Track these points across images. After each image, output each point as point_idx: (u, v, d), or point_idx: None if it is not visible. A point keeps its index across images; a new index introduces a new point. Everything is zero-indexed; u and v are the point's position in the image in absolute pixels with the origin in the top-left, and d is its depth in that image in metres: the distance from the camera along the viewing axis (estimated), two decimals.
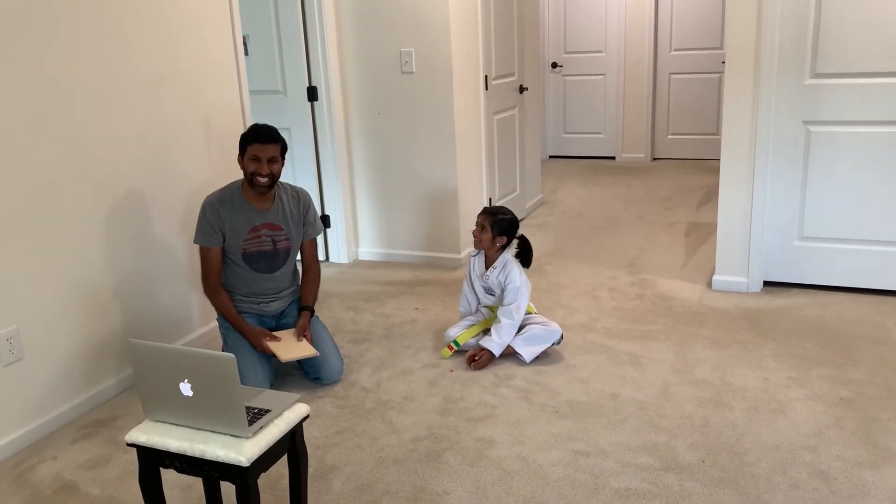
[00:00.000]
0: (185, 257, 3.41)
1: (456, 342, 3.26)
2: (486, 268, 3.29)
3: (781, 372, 3.02)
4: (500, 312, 3.20)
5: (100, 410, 2.96)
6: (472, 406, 2.86)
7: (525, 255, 3.27)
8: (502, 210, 3.27)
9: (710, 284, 4.00)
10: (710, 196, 5.95)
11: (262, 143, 2.88)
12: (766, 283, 3.93)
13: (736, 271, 3.91)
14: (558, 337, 3.20)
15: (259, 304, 3.10)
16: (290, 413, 2.00)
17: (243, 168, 2.93)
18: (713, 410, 2.75)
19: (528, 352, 3.16)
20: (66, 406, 2.87)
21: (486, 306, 3.38)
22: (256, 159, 2.88)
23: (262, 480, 2.32)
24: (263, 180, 2.90)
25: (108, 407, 2.99)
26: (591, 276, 4.23)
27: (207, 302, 3.08)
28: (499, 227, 3.20)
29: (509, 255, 3.27)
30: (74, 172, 2.85)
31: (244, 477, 1.84)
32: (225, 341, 3.06)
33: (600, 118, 7.66)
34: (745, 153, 3.75)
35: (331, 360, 3.05)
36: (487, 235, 3.21)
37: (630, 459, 2.46)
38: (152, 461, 1.96)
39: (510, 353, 3.20)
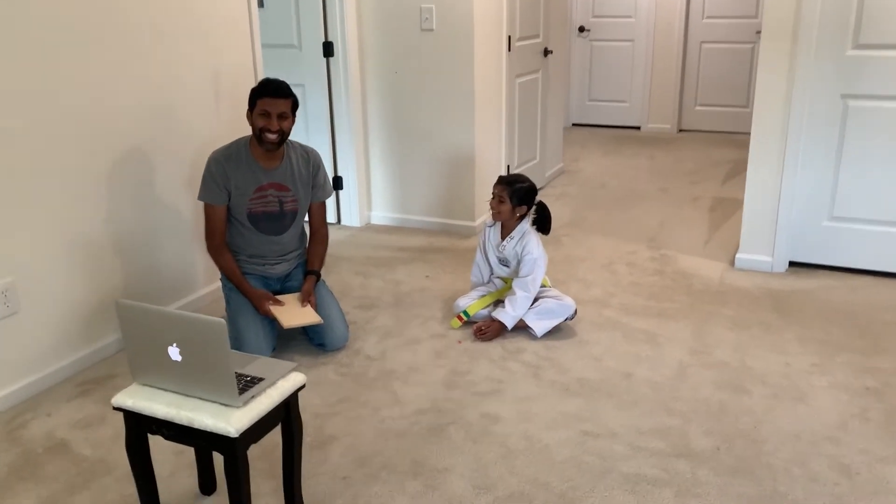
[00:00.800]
0: (189, 215, 3.31)
1: (466, 313, 3.15)
2: (503, 238, 3.16)
3: (804, 357, 2.88)
4: (515, 284, 3.08)
5: (98, 368, 2.90)
6: (479, 380, 2.76)
7: (543, 222, 3.14)
8: (519, 178, 3.13)
9: (732, 263, 3.85)
10: (737, 171, 5.75)
11: (272, 97, 2.75)
12: (792, 264, 3.78)
13: (761, 250, 3.75)
14: (572, 312, 3.08)
15: (264, 265, 3.00)
16: (284, 382, 1.91)
17: (252, 123, 2.81)
18: (731, 395, 2.62)
19: (539, 326, 3.04)
20: (63, 362, 2.81)
21: (499, 277, 3.26)
22: (266, 114, 2.75)
23: (256, 449, 2.25)
24: (272, 137, 2.77)
25: (106, 365, 2.92)
26: (610, 250, 4.09)
27: (211, 261, 2.99)
28: (518, 196, 3.06)
29: (528, 224, 3.13)
30: (76, 123, 2.74)
31: (233, 448, 1.76)
32: (228, 302, 2.98)
33: (626, 86, 7.42)
34: (778, 127, 3.56)
35: (336, 326, 2.95)
36: (506, 206, 3.07)
37: (641, 443, 2.35)
38: (140, 426, 1.87)
39: (521, 327, 3.09)
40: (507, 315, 3.05)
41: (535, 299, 3.10)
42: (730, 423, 2.46)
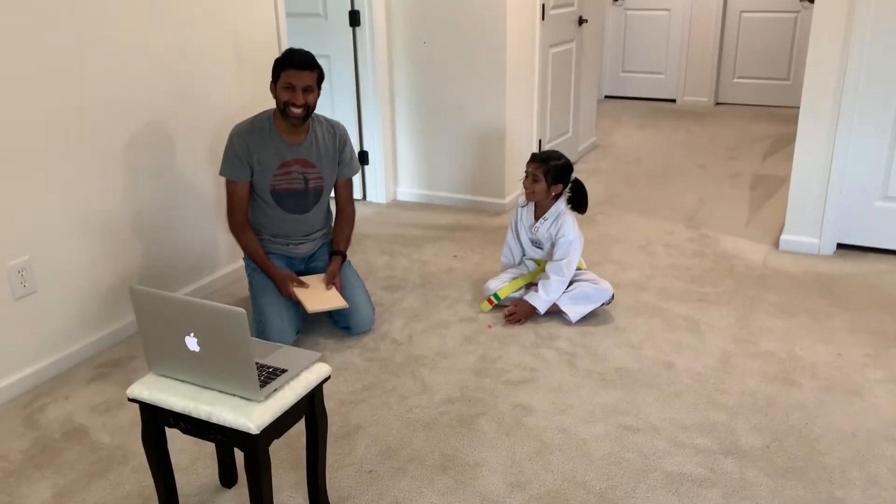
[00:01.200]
0: (211, 191, 3.20)
1: (497, 296, 3.01)
2: (536, 219, 3.00)
3: (857, 348, 2.71)
4: (548, 268, 2.93)
5: (117, 349, 2.81)
6: (510, 367, 2.63)
7: (579, 200, 2.97)
8: (553, 154, 2.96)
9: (776, 244, 3.66)
10: (778, 147, 5.52)
11: (297, 69, 2.61)
12: (840, 246, 3.58)
13: (807, 231, 3.56)
14: (609, 297, 2.93)
15: (288, 245, 2.88)
16: (308, 374, 1.79)
17: (276, 97, 2.67)
18: (779, 388, 2.47)
19: (574, 311, 2.90)
20: (82, 343, 2.73)
21: (531, 259, 3.11)
22: (290, 87, 2.61)
23: (279, 439, 2.15)
24: (297, 111, 2.64)
25: (126, 345, 2.84)
26: (646, 229, 3.92)
27: (234, 240, 2.88)
28: (553, 173, 2.90)
29: (563, 204, 2.97)
30: (94, 98, 2.62)
31: (254, 445, 1.65)
32: (251, 283, 2.87)
33: (662, 57, 7.16)
34: (830, 99, 3.35)
35: (361, 309, 2.84)
36: (541, 185, 2.91)
37: (684, 439, 2.22)
38: (156, 419, 1.78)
39: (554, 311, 2.95)
40: (540, 300, 2.91)
41: (570, 282, 2.96)
42: (779, 418, 2.31)
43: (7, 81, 2.35)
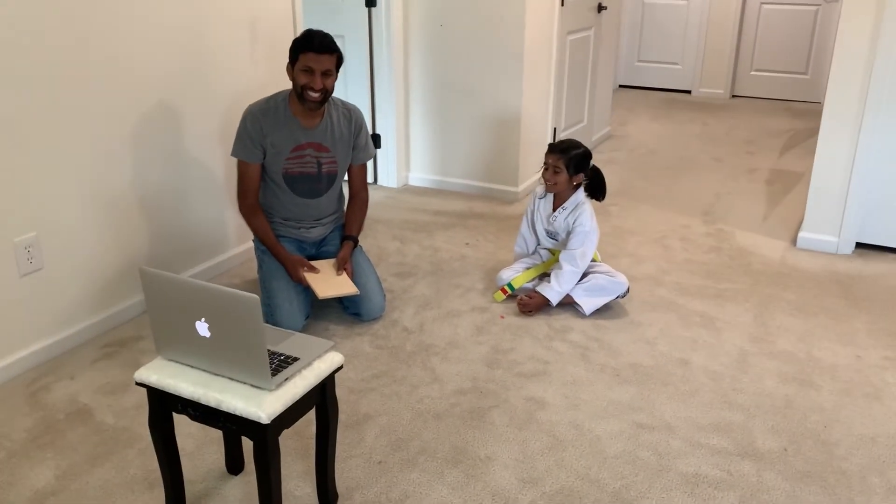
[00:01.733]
0: (221, 171, 3.14)
1: (510, 285, 2.96)
2: (554, 209, 2.94)
3: (876, 350, 2.66)
4: (562, 257, 2.88)
5: (124, 329, 2.77)
6: (522, 359, 2.59)
7: (598, 188, 2.91)
8: (572, 144, 2.89)
9: (794, 241, 3.60)
10: (795, 142, 5.44)
11: (316, 52, 2.54)
12: (859, 245, 3.52)
13: (826, 229, 3.50)
14: (624, 290, 2.88)
15: (299, 229, 2.83)
16: (320, 363, 1.75)
17: (293, 79, 2.61)
18: (797, 389, 2.42)
19: (588, 303, 2.85)
20: (88, 321, 2.69)
21: (545, 248, 3.06)
22: (309, 71, 2.55)
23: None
24: (315, 95, 2.57)
25: (133, 325, 2.79)
26: (662, 222, 3.86)
27: (243, 220, 2.83)
28: (574, 164, 2.83)
29: (582, 195, 2.91)
30: (104, 75, 2.57)
31: (264, 434, 1.61)
32: (260, 266, 2.82)
33: (678, 48, 7.05)
34: (855, 95, 3.27)
35: (372, 295, 2.79)
36: (563, 176, 2.84)
37: (700, 439, 2.17)
38: (164, 405, 1.73)
39: (567, 303, 2.90)
40: (552, 291, 2.86)
41: (585, 274, 2.90)
42: (797, 420, 2.26)
43: (17, 57, 2.30)
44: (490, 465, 2.06)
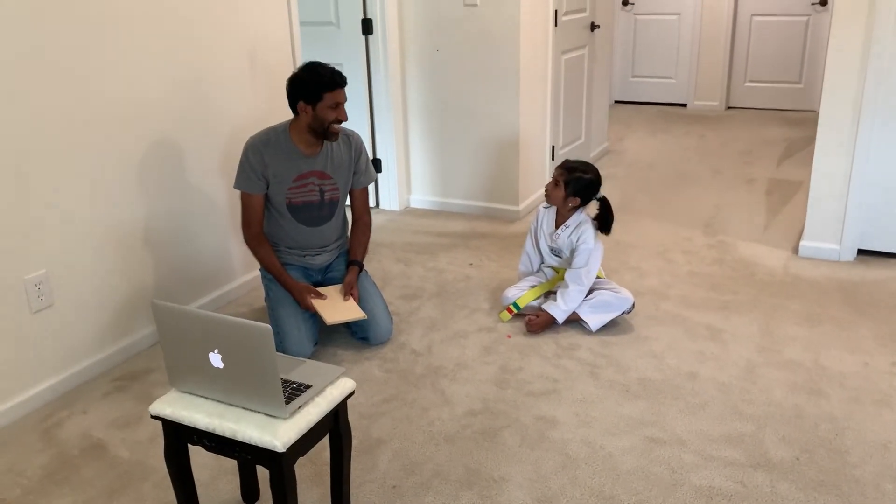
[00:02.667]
0: (225, 202, 3.17)
1: (516, 305, 2.98)
2: (557, 226, 2.97)
3: (884, 356, 2.67)
4: (567, 276, 2.90)
5: (134, 362, 2.79)
6: (531, 378, 2.60)
7: (604, 221, 2.90)
8: (583, 167, 2.90)
9: (796, 250, 3.62)
10: (792, 151, 5.48)
11: (340, 87, 2.63)
12: (861, 252, 3.54)
13: (828, 237, 3.52)
14: (630, 305, 2.89)
15: (304, 256, 2.86)
16: (333, 389, 1.76)
17: (316, 116, 2.61)
18: (806, 398, 2.43)
19: (595, 320, 2.86)
20: (98, 356, 2.70)
21: (549, 266, 3.08)
22: (336, 106, 2.62)
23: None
24: (340, 126, 2.68)
25: (142, 358, 2.81)
26: (663, 236, 3.88)
27: (249, 250, 2.85)
28: (574, 186, 2.86)
29: (584, 214, 2.93)
30: (106, 109, 2.61)
31: (280, 463, 1.62)
32: (267, 294, 2.84)
33: (672, 62, 7.12)
34: (850, 102, 3.31)
35: (380, 319, 2.80)
36: (559, 193, 2.87)
37: (712, 452, 2.18)
38: (179, 436, 1.75)
39: (574, 320, 2.91)
40: (559, 309, 2.87)
41: (590, 291, 2.92)
42: (808, 429, 2.27)
43: (20, 95, 2.34)
44: (504, 486, 2.07)
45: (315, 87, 2.59)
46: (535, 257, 3.10)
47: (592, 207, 2.95)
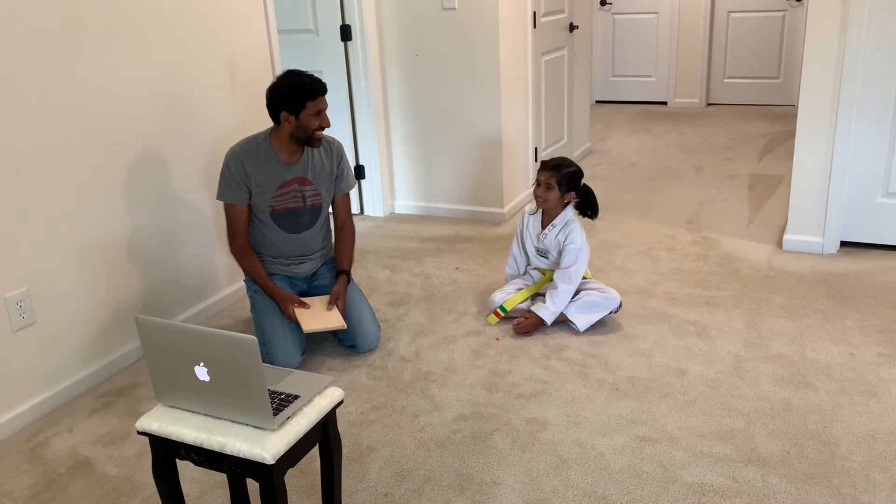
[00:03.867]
0: (208, 213, 3.15)
1: (503, 308, 2.97)
2: (544, 226, 2.97)
3: (869, 347, 2.69)
4: (556, 276, 2.90)
5: (120, 377, 2.76)
6: (521, 381, 2.59)
7: (590, 206, 2.95)
8: (564, 162, 2.92)
9: (780, 244, 3.64)
10: (773, 145, 5.52)
11: (322, 95, 2.63)
12: (843, 244, 3.57)
13: (810, 230, 3.54)
14: (617, 305, 2.90)
15: (289, 265, 2.84)
16: (321, 399, 1.75)
17: (301, 125, 2.60)
18: (794, 391, 2.44)
19: (582, 320, 2.87)
20: (83, 373, 2.67)
21: (536, 269, 3.08)
22: (319, 113, 2.63)
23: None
24: (322, 133, 2.68)
25: (128, 374, 2.78)
26: (648, 234, 3.90)
27: (233, 261, 2.84)
28: (567, 182, 2.88)
29: (571, 212, 2.94)
30: (85, 122, 2.58)
31: (269, 475, 1.60)
32: (253, 304, 2.82)
33: (651, 60, 7.16)
34: (828, 96, 3.34)
35: (367, 326, 2.79)
36: (554, 193, 2.88)
37: (703, 448, 2.18)
38: (167, 452, 1.73)
39: (561, 321, 2.91)
40: (547, 311, 2.87)
41: (577, 291, 2.93)
42: (797, 422, 2.28)
43: (0, 111, 2.31)
44: (497, 490, 2.06)
45: (297, 95, 2.58)
46: (522, 260, 3.10)
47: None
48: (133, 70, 2.73)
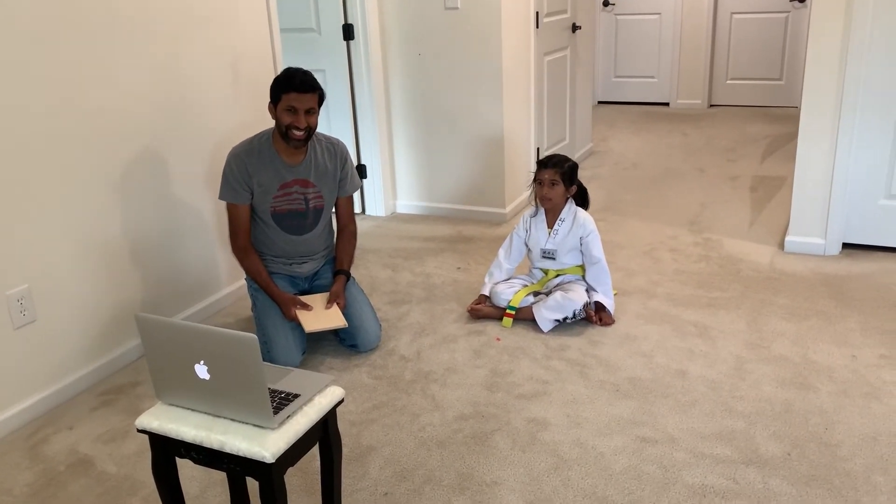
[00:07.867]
0: (210, 212, 3.15)
1: (511, 307, 2.97)
2: (550, 225, 2.97)
3: (871, 349, 2.68)
4: (590, 280, 2.96)
5: (120, 375, 2.76)
6: (521, 381, 2.59)
7: (583, 197, 3.01)
8: (562, 157, 2.96)
9: (782, 246, 3.63)
10: (775, 147, 5.51)
11: (298, 92, 2.55)
12: (845, 245, 3.56)
13: (812, 232, 3.54)
14: (579, 308, 2.88)
15: (290, 265, 2.84)
16: (321, 398, 1.74)
17: (276, 119, 2.62)
18: (796, 393, 2.43)
19: (545, 321, 2.89)
20: (84, 371, 2.67)
21: (539, 268, 3.08)
22: (293, 110, 2.57)
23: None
24: (299, 134, 2.60)
25: (129, 371, 2.78)
26: (650, 235, 3.89)
27: (235, 259, 2.84)
28: (569, 176, 2.92)
29: (573, 204, 2.99)
30: (88, 122, 2.58)
31: (269, 474, 1.60)
32: (254, 303, 2.82)
33: (654, 61, 7.15)
34: (831, 97, 3.33)
35: (368, 326, 2.79)
36: (559, 189, 2.90)
37: (704, 449, 2.18)
38: (167, 450, 1.72)
39: (528, 318, 2.94)
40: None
41: (549, 292, 2.97)
42: (798, 424, 2.27)
43: (2, 108, 2.31)
44: (497, 490, 2.06)
45: (276, 87, 2.59)
46: (517, 252, 3.08)
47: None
48: (135, 69, 2.73)
